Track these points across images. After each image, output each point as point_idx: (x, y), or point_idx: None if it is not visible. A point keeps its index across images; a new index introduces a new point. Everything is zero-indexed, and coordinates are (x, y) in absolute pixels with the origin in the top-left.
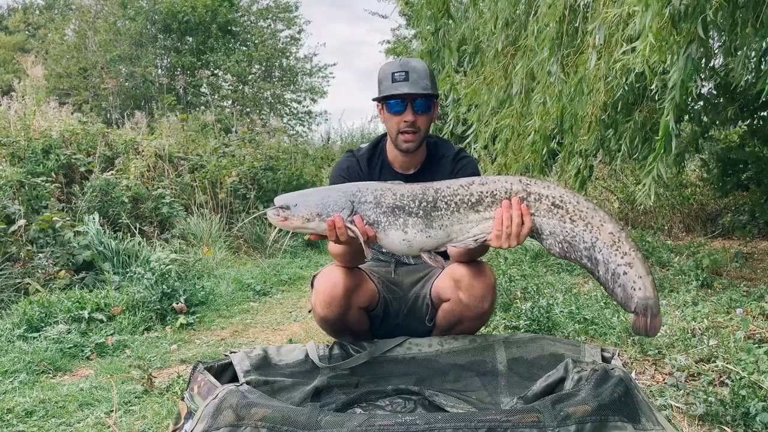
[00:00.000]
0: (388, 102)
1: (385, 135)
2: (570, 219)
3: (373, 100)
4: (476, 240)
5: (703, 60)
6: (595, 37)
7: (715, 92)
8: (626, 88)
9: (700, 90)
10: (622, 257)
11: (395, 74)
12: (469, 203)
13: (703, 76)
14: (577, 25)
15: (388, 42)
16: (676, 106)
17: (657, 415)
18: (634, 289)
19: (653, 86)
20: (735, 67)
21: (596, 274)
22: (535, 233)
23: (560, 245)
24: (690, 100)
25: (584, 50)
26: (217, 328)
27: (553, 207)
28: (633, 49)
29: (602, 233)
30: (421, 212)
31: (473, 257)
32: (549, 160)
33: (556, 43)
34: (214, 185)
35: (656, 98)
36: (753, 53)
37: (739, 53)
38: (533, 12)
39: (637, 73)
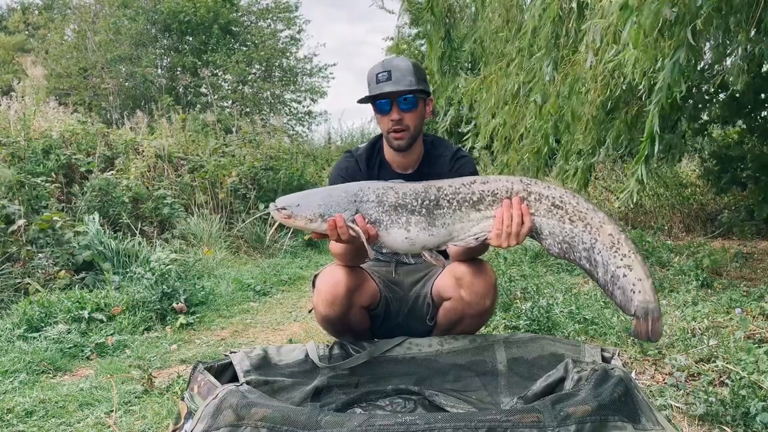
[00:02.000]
0: (376, 103)
1: (382, 135)
2: (569, 219)
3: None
4: (477, 238)
5: (692, 63)
6: (590, 36)
7: (711, 91)
8: (614, 88)
9: (696, 89)
10: (621, 259)
11: (378, 75)
12: (471, 202)
13: (692, 78)
14: (571, 25)
15: (391, 39)
16: (661, 110)
17: (657, 415)
18: (634, 292)
19: (641, 87)
20: (731, 70)
21: (595, 276)
22: (534, 233)
23: (559, 246)
24: (681, 100)
25: (579, 50)
26: (217, 328)
27: (553, 207)
28: (619, 56)
29: (601, 234)
30: (424, 210)
31: (473, 256)
32: (549, 160)
33: (551, 43)
34: (213, 185)
35: (643, 98)
36: (750, 54)
37: (734, 55)
38: (530, 13)
39: (625, 74)
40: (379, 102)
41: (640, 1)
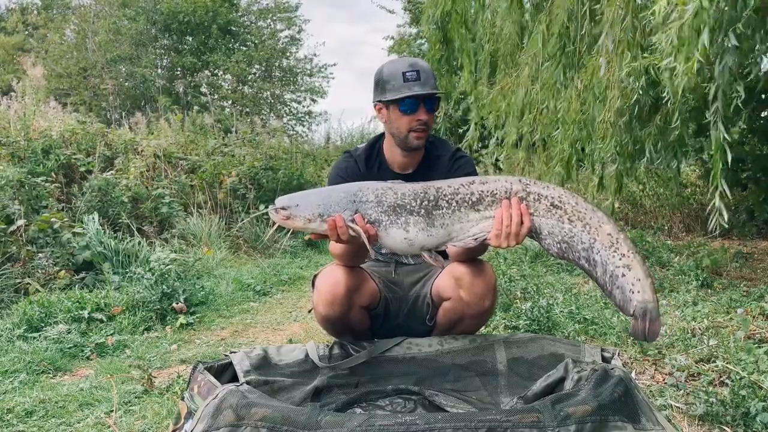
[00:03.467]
0: (402, 101)
1: (381, 135)
2: (568, 219)
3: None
4: (476, 239)
5: (744, 66)
6: (605, 43)
7: (741, 97)
8: (640, 92)
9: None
10: (620, 259)
11: (407, 74)
12: (470, 202)
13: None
14: (582, 32)
15: (392, 38)
16: (722, 117)
17: (657, 415)
18: (633, 292)
19: (665, 93)
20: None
21: (594, 276)
22: (534, 233)
23: (558, 245)
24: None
25: (593, 57)
26: (217, 328)
27: (552, 207)
28: (656, 62)
29: (600, 234)
30: (423, 211)
31: (472, 256)
32: (575, 170)
33: (559, 51)
34: (212, 185)
35: (670, 104)
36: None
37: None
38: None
39: (653, 80)
40: (408, 101)
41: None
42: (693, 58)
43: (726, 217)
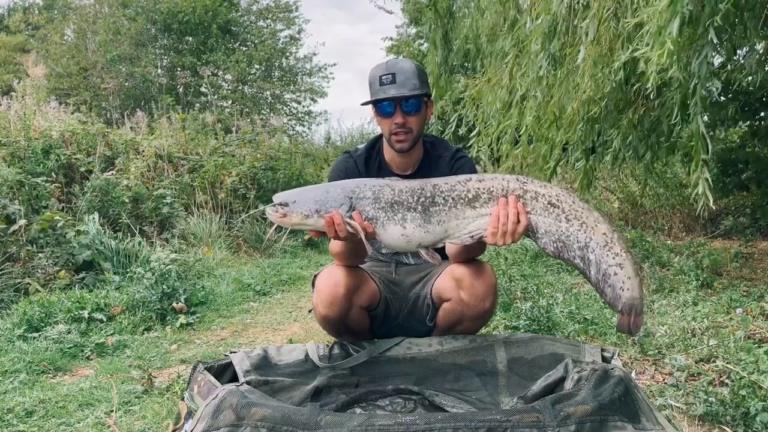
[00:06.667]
0: (379, 105)
1: (381, 136)
2: (566, 218)
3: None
4: (473, 236)
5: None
6: (587, 31)
7: (716, 91)
8: (614, 84)
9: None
10: (613, 258)
11: (382, 77)
12: (466, 199)
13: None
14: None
15: (391, 39)
16: (701, 111)
17: (657, 415)
18: (623, 290)
19: (649, 85)
20: (739, 68)
21: (588, 275)
22: (530, 231)
23: (555, 244)
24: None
25: (576, 45)
26: (217, 328)
27: (549, 206)
28: (634, 55)
29: (596, 233)
30: (420, 207)
31: (471, 255)
32: (552, 165)
33: (548, 38)
34: (213, 185)
35: (650, 97)
36: (757, 53)
37: (740, 53)
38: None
39: (628, 70)
40: (383, 105)
41: None
42: (665, 46)
43: (711, 199)
